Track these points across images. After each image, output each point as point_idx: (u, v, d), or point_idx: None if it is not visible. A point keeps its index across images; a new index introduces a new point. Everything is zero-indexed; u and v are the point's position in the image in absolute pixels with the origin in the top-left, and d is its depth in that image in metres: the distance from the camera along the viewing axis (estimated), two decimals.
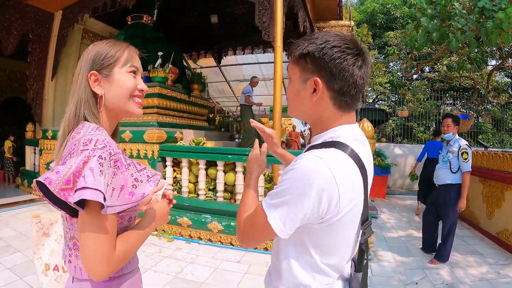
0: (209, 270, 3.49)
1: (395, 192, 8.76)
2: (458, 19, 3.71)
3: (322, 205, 0.80)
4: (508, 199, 4.35)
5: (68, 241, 0.95)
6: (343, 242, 0.91)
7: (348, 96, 0.88)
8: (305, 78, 0.90)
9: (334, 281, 0.93)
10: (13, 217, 5.20)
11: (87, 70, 0.98)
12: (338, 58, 0.84)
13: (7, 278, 3.10)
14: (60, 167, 0.81)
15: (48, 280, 1.22)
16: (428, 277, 3.43)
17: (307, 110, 0.94)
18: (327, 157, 0.82)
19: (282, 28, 4.27)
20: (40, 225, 1.27)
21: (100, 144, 0.86)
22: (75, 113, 0.97)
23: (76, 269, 0.93)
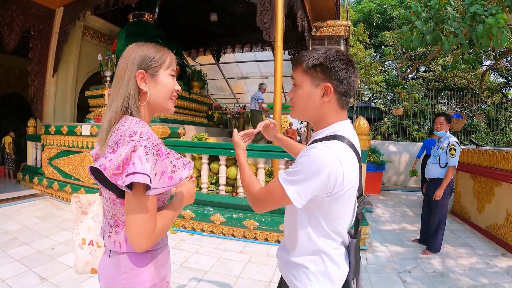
0: (212, 259, 3.64)
1: (389, 188, 8.95)
2: (451, 23, 3.89)
3: (330, 183, 1.02)
4: (497, 195, 4.54)
5: (109, 219, 1.09)
6: (344, 212, 1.13)
7: (348, 96, 1.14)
8: (316, 84, 1.11)
9: (338, 246, 1.17)
10: (16, 211, 5.30)
11: (135, 68, 1.10)
12: (344, 68, 1.09)
13: (17, 269, 3.19)
14: (112, 155, 0.95)
15: (83, 253, 1.35)
16: (420, 266, 3.62)
17: (314, 110, 1.15)
18: (334, 146, 1.04)
19: (282, 28, 4.41)
20: (79, 204, 1.38)
21: (144, 136, 0.99)
22: (122, 106, 1.08)
23: (115, 243, 1.06)
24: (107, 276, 1.09)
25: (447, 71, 12.98)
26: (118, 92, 1.10)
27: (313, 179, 1.01)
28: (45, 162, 6.64)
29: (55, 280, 3.00)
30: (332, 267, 1.15)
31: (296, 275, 1.18)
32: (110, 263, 1.09)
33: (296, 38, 8.98)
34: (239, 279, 3.19)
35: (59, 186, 6.21)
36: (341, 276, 1.17)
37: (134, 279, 1.06)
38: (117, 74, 1.11)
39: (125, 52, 1.13)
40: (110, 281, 1.08)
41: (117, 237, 1.07)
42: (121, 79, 1.10)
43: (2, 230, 4.32)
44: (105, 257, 1.12)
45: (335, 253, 1.16)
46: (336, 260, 1.16)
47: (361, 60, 13.27)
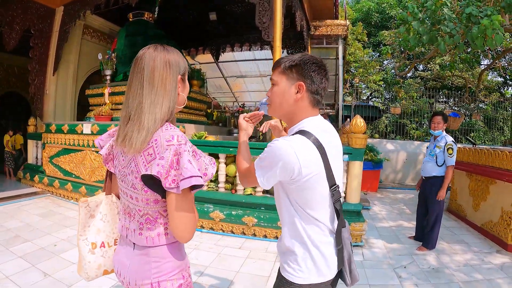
0: (212, 255, 3.71)
1: (387, 186, 9.02)
2: (447, 23, 3.95)
3: (287, 172, 1.16)
4: (492, 193, 4.61)
5: (139, 218, 1.15)
6: (317, 199, 1.23)
7: (319, 95, 1.28)
8: (291, 83, 1.26)
9: (324, 233, 1.28)
10: (18, 209, 5.35)
11: (177, 74, 1.15)
12: (316, 70, 1.25)
13: (20, 265, 3.25)
14: (162, 161, 1.03)
15: (95, 257, 1.34)
16: (415, 262, 3.69)
17: (288, 106, 1.28)
18: (293, 140, 1.17)
19: (281, 29, 4.47)
20: (88, 208, 1.37)
21: (182, 139, 1.07)
22: (168, 113, 1.12)
23: (148, 239, 1.13)
24: (136, 267, 1.15)
25: (445, 70, 13.03)
26: (162, 99, 1.11)
27: (272, 168, 1.17)
28: (46, 161, 6.68)
29: (58, 276, 3.06)
30: (319, 254, 1.25)
31: (287, 261, 1.30)
32: (137, 255, 1.16)
33: (294, 37, 9.04)
34: (238, 274, 3.27)
35: (60, 184, 6.26)
36: (330, 264, 1.27)
37: (165, 266, 1.14)
38: (154, 80, 1.11)
39: (155, 56, 1.12)
40: (139, 271, 1.14)
41: (149, 234, 1.14)
42: (163, 85, 1.11)
43: (4, 227, 4.37)
44: (128, 251, 1.19)
45: (322, 240, 1.26)
46: (323, 247, 1.26)
47: (359, 59, 13.33)
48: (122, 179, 1.18)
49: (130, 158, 1.12)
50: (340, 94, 9.49)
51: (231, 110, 10.08)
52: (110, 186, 1.39)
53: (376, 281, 3.18)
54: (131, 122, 1.10)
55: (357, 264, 3.60)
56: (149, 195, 1.11)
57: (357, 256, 3.84)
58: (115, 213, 1.39)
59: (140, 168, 1.08)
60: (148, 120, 1.08)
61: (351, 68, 13.53)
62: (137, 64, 1.13)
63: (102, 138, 1.34)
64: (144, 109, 1.09)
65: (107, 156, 1.26)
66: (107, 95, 6.33)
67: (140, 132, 1.07)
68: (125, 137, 1.10)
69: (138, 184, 1.10)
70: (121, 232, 1.22)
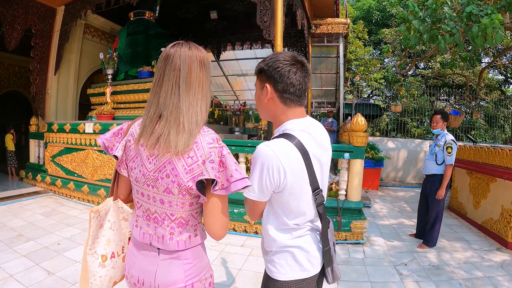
0: (215, 253, 3.74)
1: (388, 184, 9.05)
2: (447, 22, 3.96)
3: (274, 176, 1.15)
4: (493, 191, 4.63)
5: (170, 223, 1.11)
6: (299, 205, 1.25)
7: (288, 93, 1.22)
8: (262, 86, 1.26)
9: (306, 230, 1.31)
10: (21, 209, 5.38)
11: (210, 74, 1.15)
12: (278, 67, 1.20)
13: (24, 264, 3.27)
14: (213, 165, 1.03)
15: (106, 270, 1.27)
16: (416, 259, 3.72)
17: (267, 110, 1.30)
18: (273, 144, 1.17)
19: (282, 27, 4.48)
20: (99, 218, 1.30)
21: (219, 141, 1.09)
22: (206, 114, 1.12)
23: (179, 243, 1.11)
24: (166, 272, 1.12)
25: (446, 68, 13.01)
26: (200, 100, 1.10)
27: (260, 174, 1.17)
28: (48, 160, 6.71)
29: (61, 274, 3.09)
30: (299, 250, 1.28)
31: (270, 259, 1.33)
32: (165, 259, 1.13)
33: (295, 35, 9.04)
34: (240, 271, 3.29)
35: (62, 183, 6.29)
36: (313, 260, 1.31)
37: (196, 267, 1.15)
38: (191, 81, 1.09)
39: (191, 56, 1.09)
40: (171, 276, 1.11)
41: (180, 237, 1.12)
42: (200, 86, 1.10)
43: (7, 227, 4.40)
44: (151, 257, 1.14)
45: (303, 237, 1.29)
46: (304, 244, 1.29)
47: (360, 57, 13.32)
48: (148, 183, 1.11)
49: (164, 161, 1.06)
50: (341, 92, 9.50)
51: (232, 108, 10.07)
52: (117, 191, 1.32)
53: (377, 278, 3.21)
54: (164, 122, 1.05)
55: (358, 261, 3.63)
56: (186, 198, 1.08)
57: (358, 254, 3.86)
58: (120, 219, 1.34)
59: (180, 172, 1.04)
60: (189, 122, 1.05)
61: (352, 66, 13.53)
62: (169, 61, 1.08)
63: (106, 138, 1.27)
64: (182, 110, 1.05)
65: (120, 158, 1.20)
66: (108, 94, 6.35)
67: (181, 133, 1.03)
68: (158, 137, 1.05)
69: (175, 188, 1.06)
70: (141, 240, 1.15)
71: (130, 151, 1.17)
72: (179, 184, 1.06)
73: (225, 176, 1.03)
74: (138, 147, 1.13)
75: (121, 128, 1.27)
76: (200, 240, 1.17)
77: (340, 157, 4.30)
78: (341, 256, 3.80)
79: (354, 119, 4.31)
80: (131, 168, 1.17)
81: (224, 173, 1.03)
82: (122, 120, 5.80)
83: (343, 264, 3.55)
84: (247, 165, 4.77)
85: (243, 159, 4.58)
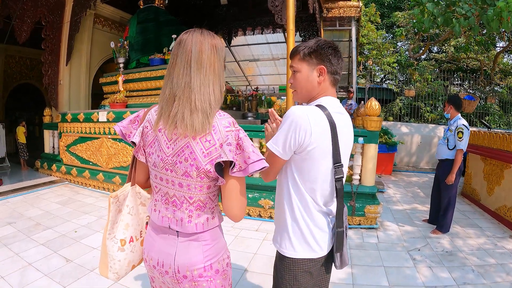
0: (230, 237, 3.81)
1: (401, 169, 8.97)
2: (462, 5, 3.84)
3: (300, 135, 1.22)
4: (507, 177, 4.55)
5: (189, 206, 1.14)
6: (318, 172, 1.30)
7: (338, 74, 1.39)
8: (312, 68, 1.35)
9: (317, 212, 1.35)
10: (37, 198, 5.49)
11: (223, 60, 1.16)
12: (332, 53, 1.34)
13: (43, 252, 3.35)
14: (231, 147, 1.05)
15: (124, 254, 1.30)
16: (429, 245, 3.72)
17: (313, 89, 1.38)
18: (306, 107, 1.27)
19: (294, 11, 4.40)
20: (118, 203, 1.32)
21: (236, 124, 1.11)
22: (221, 97, 1.14)
23: (197, 226, 1.14)
24: (186, 254, 1.15)
25: (460, 52, 12.67)
26: (212, 81, 1.11)
27: (287, 129, 1.24)
28: (63, 149, 6.83)
29: (80, 261, 3.16)
30: (308, 231, 1.33)
31: (281, 237, 1.39)
32: (184, 242, 1.16)
33: (307, 19, 8.89)
34: (255, 256, 3.36)
35: (77, 172, 6.42)
36: (320, 241, 1.35)
37: (214, 248, 1.18)
38: (202, 61, 1.09)
39: (203, 40, 1.11)
40: (190, 257, 1.14)
41: (198, 220, 1.14)
42: (211, 67, 1.11)
43: (25, 216, 4.49)
44: (170, 239, 1.17)
45: (313, 218, 1.34)
46: (314, 225, 1.34)
47: (372, 41, 13.06)
48: (166, 167, 1.13)
49: (182, 145, 1.08)
50: (354, 76, 9.37)
51: (245, 94, 10.04)
52: (135, 176, 1.35)
53: (390, 263, 3.23)
54: (178, 102, 1.07)
55: (372, 246, 3.65)
56: (204, 181, 1.11)
57: (372, 238, 3.88)
58: (138, 204, 1.36)
59: (198, 155, 1.07)
60: (201, 101, 1.07)
61: (365, 50, 13.29)
62: (182, 46, 1.10)
63: (123, 125, 1.29)
64: (193, 89, 1.07)
65: (138, 144, 1.21)
66: (121, 83, 6.40)
67: (194, 113, 1.05)
68: (174, 117, 1.07)
69: (194, 171, 1.08)
70: (160, 223, 1.18)
71: (148, 137, 1.18)
72: (197, 168, 1.08)
73: (243, 158, 1.06)
74: (156, 132, 1.15)
75: (138, 116, 1.29)
76: (217, 222, 1.20)
77: (355, 141, 4.27)
78: (355, 240, 3.82)
79: (368, 103, 4.26)
80: (149, 154, 1.19)
81: (241, 155, 1.06)
82: (136, 108, 5.85)
83: (357, 249, 3.57)
84: (261, 149, 4.79)
85: (257, 144, 4.61)
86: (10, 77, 10.21)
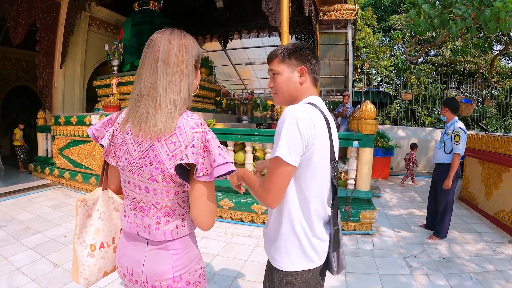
0: (221, 243, 3.72)
1: (398, 173, 8.91)
2: (459, 6, 3.80)
3: (306, 130, 1.16)
4: (505, 181, 4.49)
5: (156, 212, 1.07)
6: (318, 174, 1.25)
7: (317, 74, 1.39)
8: (293, 70, 1.33)
9: (314, 219, 1.28)
10: (29, 202, 5.43)
11: (193, 59, 1.10)
12: (310, 54, 1.34)
13: (31, 257, 3.30)
14: (194, 149, 0.98)
15: (95, 260, 1.26)
16: (426, 251, 3.64)
17: (295, 90, 1.35)
18: (303, 106, 1.24)
19: (288, 13, 4.36)
20: (86, 207, 1.28)
21: (204, 126, 1.04)
22: (187, 97, 1.07)
23: (165, 233, 1.07)
24: (154, 263, 1.09)
25: (457, 56, 12.70)
26: (179, 81, 1.05)
27: (293, 132, 1.14)
28: (56, 153, 6.75)
29: (67, 266, 3.10)
30: (305, 239, 1.26)
31: (275, 248, 1.30)
32: (153, 250, 1.10)
33: (302, 22, 8.88)
34: (247, 262, 3.27)
35: (70, 176, 6.33)
36: (318, 250, 1.28)
37: (185, 258, 1.11)
38: (169, 60, 1.05)
39: (172, 39, 1.07)
40: (158, 266, 1.08)
41: (167, 227, 1.08)
42: (179, 67, 1.06)
43: (16, 220, 4.44)
44: (140, 247, 1.12)
45: (310, 225, 1.27)
46: (310, 233, 1.27)
47: (369, 44, 13.07)
48: (133, 171, 1.08)
49: (147, 148, 1.03)
50: (350, 80, 9.35)
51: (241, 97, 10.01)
52: (106, 180, 1.31)
53: (386, 271, 3.15)
54: (144, 102, 1.03)
55: (367, 252, 3.57)
56: (170, 186, 1.05)
57: (367, 245, 3.80)
58: (111, 209, 1.31)
59: (163, 158, 1.01)
60: (166, 101, 1.02)
61: (361, 54, 13.31)
62: (151, 45, 1.07)
63: (96, 128, 1.25)
64: (159, 89, 1.03)
65: (107, 147, 1.17)
66: (114, 86, 6.33)
67: (158, 113, 1.00)
68: (140, 118, 1.03)
69: (159, 175, 1.03)
70: (129, 230, 1.14)
71: (117, 140, 1.14)
72: (162, 171, 1.03)
73: (209, 162, 0.99)
74: (124, 134, 1.11)
75: (111, 118, 1.25)
76: (188, 230, 1.13)
77: (349, 145, 4.21)
78: (350, 247, 3.74)
79: (363, 106, 4.20)
80: (118, 157, 1.14)
81: (208, 158, 0.99)
82: None
83: (351, 256, 3.49)
84: (254, 154, 4.71)
85: (250, 148, 4.53)
86: (6, 79, 10.19)
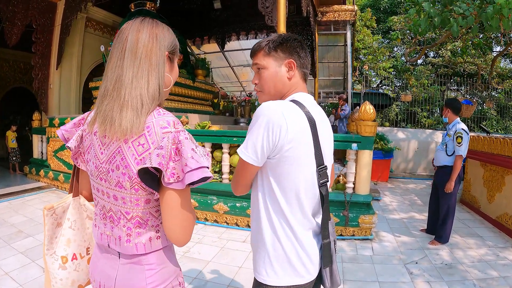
0: (215, 249, 3.62)
1: (398, 176, 8.80)
2: (460, 4, 3.71)
3: (273, 133, 1.04)
4: (508, 184, 4.39)
5: (126, 222, 0.96)
6: (300, 177, 1.12)
7: (306, 68, 1.27)
8: (280, 63, 1.21)
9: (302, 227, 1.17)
10: (23, 204, 5.36)
11: (164, 49, 0.98)
12: (299, 46, 1.23)
13: (21, 261, 3.24)
14: (162, 151, 0.85)
15: (67, 273, 1.16)
16: (428, 257, 3.53)
17: (283, 86, 1.23)
18: (280, 102, 1.11)
19: (285, 13, 4.26)
20: (55, 216, 1.18)
21: (178, 125, 0.91)
22: (158, 92, 0.95)
23: (137, 246, 0.96)
24: (127, 278, 0.99)
25: (457, 57, 12.64)
26: (147, 73, 0.93)
27: (257, 130, 1.06)
28: (51, 155, 6.68)
29: None
30: (293, 251, 1.14)
31: (259, 261, 1.19)
32: (125, 264, 0.99)
33: (301, 23, 8.80)
34: (241, 269, 3.17)
35: (64, 178, 6.25)
36: (307, 263, 1.16)
37: (161, 273, 1.00)
38: (137, 51, 0.93)
39: (141, 28, 0.96)
40: (131, 282, 0.98)
41: (139, 240, 0.96)
42: (147, 57, 0.94)
43: (8, 223, 4.37)
44: (112, 260, 1.01)
45: (297, 235, 1.15)
46: (299, 243, 1.15)
47: (368, 45, 13.01)
48: (101, 176, 0.97)
49: (113, 151, 0.92)
50: (349, 81, 9.27)
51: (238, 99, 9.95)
52: (77, 186, 1.19)
53: (385, 278, 3.04)
54: (109, 99, 0.91)
55: (366, 259, 3.47)
56: (139, 194, 0.93)
57: (366, 251, 3.70)
58: (84, 218, 1.20)
59: (130, 162, 0.89)
60: (132, 96, 0.90)
61: (360, 55, 13.25)
62: (119, 36, 0.96)
63: (66, 129, 1.13)
64: (124, 82, 0.91)
65: (76, 150, 1.06)
66: None
67: (123, 111, 0.88)
68: (105, 117, 0.91)
69: (127, 182, 0.91)
70: (100, 241, 1.03)
71: (85, 141, 1.04)
72: (130, 177, 0.91)
73: (181, 166, 0.86)
74: (92, 136, 0.99)
75: (83, 118, 1.13)
76: (164, 243, 1.01)
77: (348, 147, 4.11)
78: (348, 253, 3.64)
79: (362, 108, 4.10)
80: (87, 161, 1.03)
81: (179, 162, 0.87)
82: None
83: (350, 262, 3.39)
84: None
85: None
86: (3, 80, 10.12)
